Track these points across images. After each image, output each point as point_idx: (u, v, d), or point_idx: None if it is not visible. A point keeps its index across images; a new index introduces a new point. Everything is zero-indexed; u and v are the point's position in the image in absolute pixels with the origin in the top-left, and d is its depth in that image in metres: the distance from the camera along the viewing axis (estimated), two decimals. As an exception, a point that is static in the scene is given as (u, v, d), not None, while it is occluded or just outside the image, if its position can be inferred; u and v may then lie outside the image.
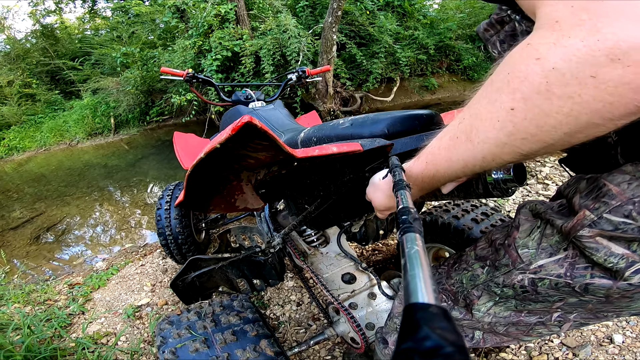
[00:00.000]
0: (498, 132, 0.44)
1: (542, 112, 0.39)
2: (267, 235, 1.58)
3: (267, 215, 1.56)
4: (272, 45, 5.87)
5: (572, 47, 0.36)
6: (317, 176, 1.06)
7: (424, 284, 0.25)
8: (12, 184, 6.29)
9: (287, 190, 1.22)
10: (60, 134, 9.04)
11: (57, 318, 1.92)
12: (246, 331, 1.04)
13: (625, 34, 0.33)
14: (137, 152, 6.76)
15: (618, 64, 0.34)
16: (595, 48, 0.34)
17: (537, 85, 0.39)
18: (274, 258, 1.38)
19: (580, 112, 0.37)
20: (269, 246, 1.35)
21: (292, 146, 1.15)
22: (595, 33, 0.35)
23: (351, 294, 1.30)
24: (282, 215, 1.55)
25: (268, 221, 1.55)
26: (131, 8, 9.05)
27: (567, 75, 0.36)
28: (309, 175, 1.09)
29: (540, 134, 0.41)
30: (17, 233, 3.81)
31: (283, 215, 1.55)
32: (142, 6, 8.47)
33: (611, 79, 0.34)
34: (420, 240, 0.34)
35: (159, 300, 2.06)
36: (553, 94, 0.38)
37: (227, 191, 0.97)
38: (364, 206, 1.06)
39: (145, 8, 8.40)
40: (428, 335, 0.19)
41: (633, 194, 0.50)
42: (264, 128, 0.54)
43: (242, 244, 1.67)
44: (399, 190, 0.49)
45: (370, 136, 0.88)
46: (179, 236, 1.97)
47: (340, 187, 0.97)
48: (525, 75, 0.40)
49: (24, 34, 12.22)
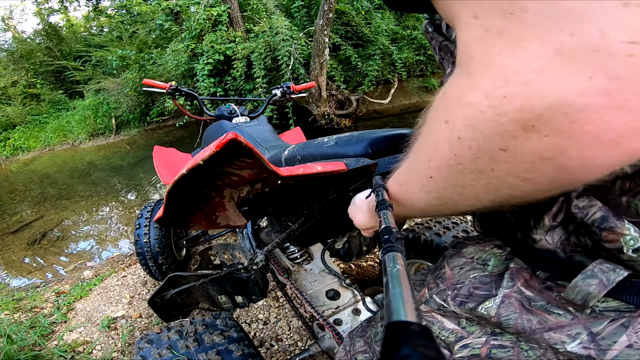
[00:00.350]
0: (427, 195, 0.42)
1: (459, 184, 0.35)
2: (249, 252, 1.57)
3: (249, 232, 1.54)
4: (264, 49, 5.74)
5: (475, 109, 0.28)
6: (301, 194, 1.06)
7: (405, 303, 0.25)
8: (18, 183, 6.36)
9: (271, 208, 1.21)
10: (64, 134, 9.11)
11: (40, 326, 1.98)
12: (231, 351, 1.01)
13: (542, 83, 0.24)
14: (138, 153, 6.77)
15: (533, 133, 0.25)
16: (501, 111, 0.26)
17: (446, 157, 0.34)
18: (257, 275, 1.36)
19: (499, 187, 0.32)
20: (252, 263, 1.34)
21: (276, 164, 1.13)
22: (503, 83, 0.26)
23: (335, 310, 1.30)
24: (265, 232, 1.54)
25: (250, 238, 1.54)
26: (132, 7, 9.02)
27: (474, 147, 0.30)
28: (293, 194, 1.08)
29: (465, 201, 0.37)
30: (16, 237, 3.84)
31: (266, 232, 1.54)
32: (144, 5, 8.42)
33: (525, 153, 0.27)
34: (401, 259, 0.33)
35: (134, 312, 2.10)
36: (464, 168, 0.33)
37: (208, 208, 0.96)
38: (347, 224, 1.04)
39: (146, 7, 8.36)
40: (410, 354, 0.19)
41: (458, 280, 0.54)
42: (249, 145, 0.53)
43: (223, 261, 1.66)
44: (381, 210, 0.48)
45: (355, 155, 0.88)
46: (159, 256, 1.96)
47: (324, 205, 0.96)
48: (436, 143, 0.35)
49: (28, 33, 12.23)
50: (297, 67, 5.66)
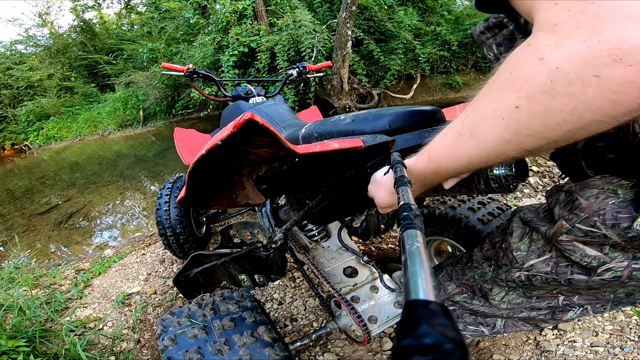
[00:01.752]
0: (503, 129, 0.44)
1: (547, 110, 0.39)
2: (268, 231, 1.55)
3: (268, 210, 1.52)
4: (287, 41, 5.77)
5: (574, 48, 0.36)
6: (318, 172, 1.06)
7: (424, 281, 0.25)
8: (49, 170, 6.57)
9: (289, 186, 1.19)
10: (94, 125, 9.38)
11: (55, 302, 1.99)
12: (244, 318, 1.03)
13: (626, 34, 0.33)
14: (163, 144, 6.90)
15: (620, 63, 0.33)
16: (597, 49, 0.34)
17: (541, 84, 0.38)
18: (276, 253, 1.35)
19: (585, 110, 0.37)
20: (271, 241, 1.33)
21: (293, 142, 1.13)
22: (596, 35, 0.34)
23: (353, 288, 1.27)
24: (284, 210, 1.51)
25: (269, 216, 1.51)
26: (161, 3, 9.19)
27: (571, 75, 0.36)
28: (310, 171, 1.07)
29: (544, 131, 0.41)
30: (43, 218, 3.94)
31: (284, 211, 1.51)
32: (172, 2, 8.57)
33: (614, 78, 0.34)
34: (421, 237, 0.33)
35: (149, 289, 2.09)
36: (558, 93, 0.37)
37: (228, 187, 0.94)
38: (365, 201, 1.05)
39: (174, 4, 8.51)
40: (428, 332, 0.19)
41: (599, 207, 0.58)
42: (265, 125, 0.52)
43: (243, 239, 1.64)
44: (400, 187, 0.48)
45: (372, 132, 0.86)
46: (180, 235, 1.97)
47: (341, 182, 0.96)
48: (530, 74, 0.39)
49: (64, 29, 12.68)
50: (320, 60, 5.62)
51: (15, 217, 4.12)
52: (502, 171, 0.74)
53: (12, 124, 10.24)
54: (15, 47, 11.80)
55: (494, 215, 1.35)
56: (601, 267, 0.61)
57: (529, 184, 2.70)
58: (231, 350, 0.91)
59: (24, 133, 9.96)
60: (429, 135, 0.86)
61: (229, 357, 0.89)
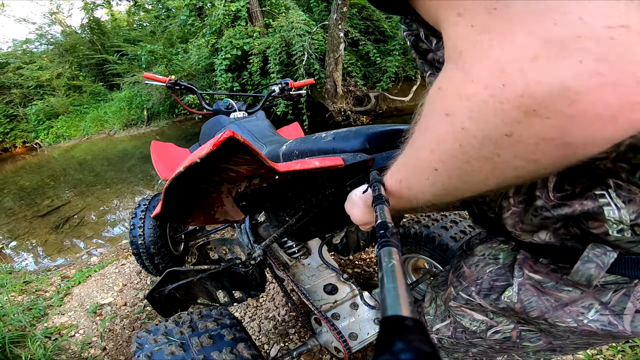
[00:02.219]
0: (432, 187, 0.42)
1: (465, 172, 0.35)
2: (247, 247, 1.54)
3: (247, 227, 1.51)
4: (279, 44, 5.63)
5: (477, 100, 0.29)
6: (298, 189, 1.06)
7: (400, 297, 0.25)
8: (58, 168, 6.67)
9: (268, 203, 1.20)
10: (101, 124, 9.48)
11: (36, 308, 2.06)
12: (223, 335, 1.02)
13: (538, 70, 0.25)
14: (166, 143, 6.93)
15: (535, 117, 0.26)
16: (502, 99, 0.27)
17: (450, 148, 0.34)
18: (255, 270, 1.34)
19: (505, 170, 0.32)
20: (250, 258, 1.32)
21: (273, 159, 1.13)
22: (499, 74, 0.26)
23: (333, 305, 1.28)
24: (263, 227, 1.50)
25: (248, 233, 1.50)
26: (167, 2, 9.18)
27: (479, 136, 0.30)
28: (290, 189, 1.07)
29: (473, 187, 0.38)
30: (43, 221, 3.99)
31: (264, 227, 1.50)
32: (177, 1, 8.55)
33: (529, 136, 0.27)
34: (397, 254, 0.33)
35: (120, 300, 2.14)
36: (470, 157, 0.33)
37: (206, 203, 0.93)
38: (344, 218, 1.06)
39: (178, 2, 8.49)
40: (404, 348, 0.19)
41: (477, 276, 0.58)
42: (246, 142, 0.53)
43: (221, 255, 1.63)
44: (377, 205, 0.48)
45: (352, 150, 0.86)
46: (155, 255, 1.93)
47: (321, 200, 0.96)
48: (438, 136, 0.35)
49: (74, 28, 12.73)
50: (312, 63, 5.50)
51: (19, 219, 4.19)
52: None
53: (22, 122, 10.38)
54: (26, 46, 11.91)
55: (465, 233, 1.39)
56: (490, 330, 0.61)
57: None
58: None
59: (34, 131, 10.11)
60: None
61: (207, 374, 0.88)
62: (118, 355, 1.72)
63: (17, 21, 15.23)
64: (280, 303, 1.87)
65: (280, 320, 1.77)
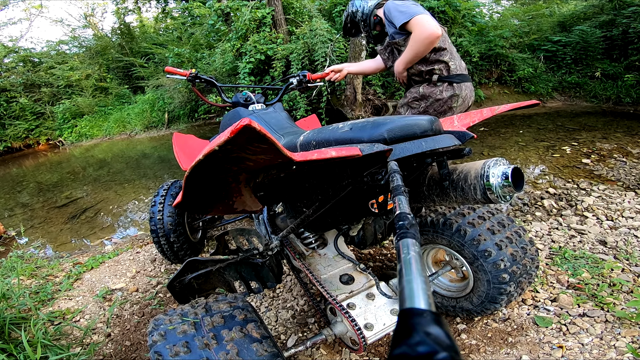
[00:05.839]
0: (406, 63, 1.86)
1: (415, 58, 1.82)
2: (265, 238, 1.54)
3: (265, 217, 1.51)
4: (302, 50, 5.77)
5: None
6: (315, 180, 1.06)
7: (419, 290, 0.25)
8: (77, 165, 6.83)
9: (286, 194, 1.19)
10: (123, 125, 9.71)
11: (43, 292, 2.01)
12: (234, 315, 1.04)
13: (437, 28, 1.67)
14: (183, 146, 7.04)
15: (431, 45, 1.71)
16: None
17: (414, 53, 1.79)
18: (272, 261, 1.34)
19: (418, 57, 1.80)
20: (267, 248, 1.32)
21: (291, 149, 1.13)
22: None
23: (349, 295, 1.26)
24: (281, 217, 1.50)
25: (266, 223, 1.50)
26: (193, 9, 9.48)
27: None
28: (307, 179, 1.08)
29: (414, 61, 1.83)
30: (60, 211, 4.05)
31: (281, 218, 1.50)
32: (202, 8, 8.81)
33: (425, 50, 1.74)
34: (416, 246, 0.34)
35: (132, 286, 2.10)
36: (416, 55, 1.79)
37: (225, 193, 0.94)
38: (362, 210, 1.07)
39: (204, 10, 8.75)
40: (422, 340, 0.19)
41: None
42: (262, 131, 0.52)
43: (239, 246, 1.63)
44: (396, 196, 0.48)
45: (370, 141, 0.86)
46: (174, 243, 1.97)
47: (338, 191, 0.96)
48: (412, 49, 1.78)
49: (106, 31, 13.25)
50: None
51: (36, 209, 4.26)
52: (498, 181, 0.76)
53: (49, 120, 10.74)
54: (60, 47, 12.39)
55: (484, 218, 1.37)
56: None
57: (543, 206, 2.55)
58: (219, 344, 0.91)
59: (59, 130, 10.43)
60: (425, 145, 0.87)
61: (216, 351, 0.90)
62: (124, 340, 1.67)
63: (53, 23, 15.91)
64: (299, 293, 1.84)
65: (299, 310, 1.74)
